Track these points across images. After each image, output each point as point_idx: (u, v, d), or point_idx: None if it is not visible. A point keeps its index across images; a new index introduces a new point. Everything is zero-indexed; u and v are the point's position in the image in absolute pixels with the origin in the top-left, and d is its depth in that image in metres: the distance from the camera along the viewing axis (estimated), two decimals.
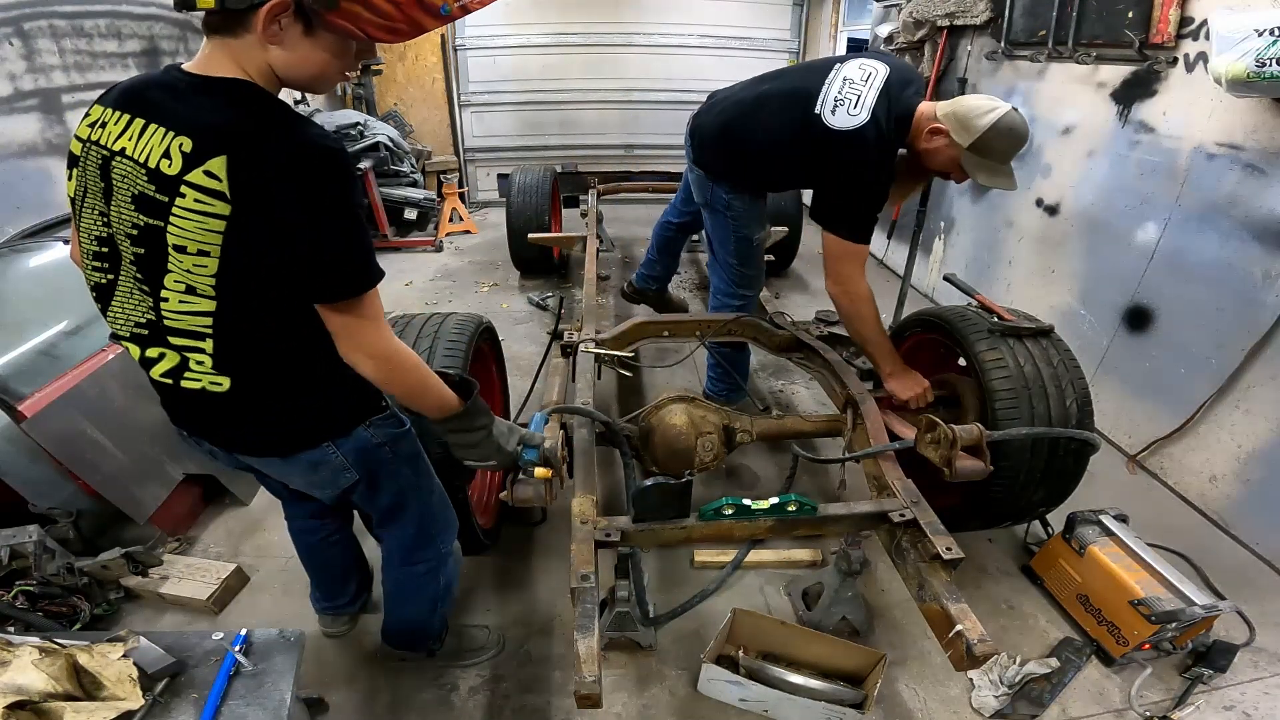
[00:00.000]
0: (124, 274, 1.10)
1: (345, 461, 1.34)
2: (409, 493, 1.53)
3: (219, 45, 1.01)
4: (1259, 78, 2.08)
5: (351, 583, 1.97)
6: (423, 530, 1.61)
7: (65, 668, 1.07)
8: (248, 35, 0.98)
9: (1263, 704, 1.87)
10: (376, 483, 1.44)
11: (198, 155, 0.96)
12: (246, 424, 1.24)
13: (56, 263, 2.60)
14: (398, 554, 1.65)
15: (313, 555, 1.87)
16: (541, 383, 2.51)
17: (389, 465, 1.43)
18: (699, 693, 1.87)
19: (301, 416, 1.25)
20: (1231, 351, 2.50)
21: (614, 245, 5.81)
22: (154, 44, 3.97)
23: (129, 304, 1.12)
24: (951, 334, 2.16)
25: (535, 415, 1.69)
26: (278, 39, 0.99)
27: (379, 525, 1.62)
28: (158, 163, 0.98)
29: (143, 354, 1.17)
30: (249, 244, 1.01)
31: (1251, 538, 2.46)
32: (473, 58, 6.87)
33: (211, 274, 1.03)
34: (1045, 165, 3.59)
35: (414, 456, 1.51)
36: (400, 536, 1.61)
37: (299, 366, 1.19)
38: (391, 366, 1.17)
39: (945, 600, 1.45)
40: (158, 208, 1.00)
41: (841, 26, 6.55)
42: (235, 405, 1.18)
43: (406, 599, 1.74)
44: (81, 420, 2.13)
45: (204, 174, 0.96)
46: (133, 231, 1.04)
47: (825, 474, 2.83)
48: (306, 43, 1.01)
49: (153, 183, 0.99)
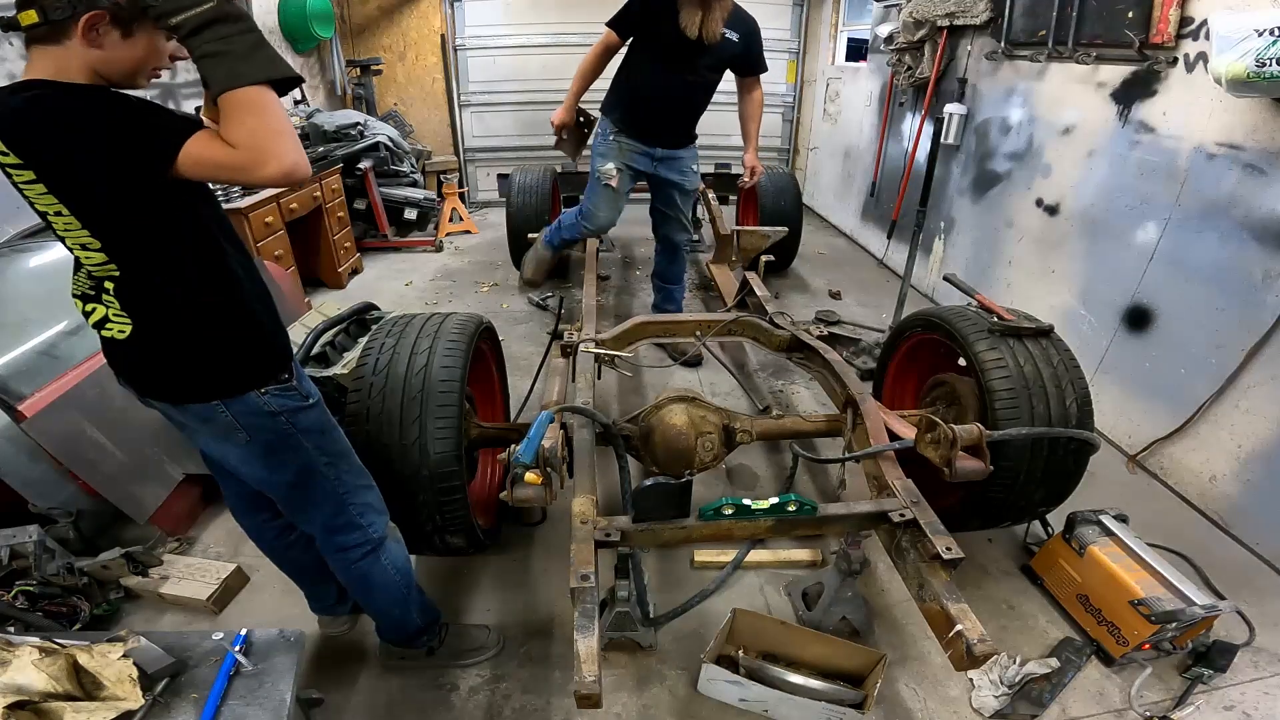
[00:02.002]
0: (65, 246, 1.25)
1: (235, 423, 1.35)
2: (315, 470, 1.49)
3: (40, 54, 1.10)
4: (1259, 78, 2.08)
5: (332, 582, 1.93)
6: (339, 512, 1.57)
7: (65, 668, 1.08)
8: (69, 41, 1.08)
9: (1263, 704, 1.87)
10: (275, 454, 1.42)
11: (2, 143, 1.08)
12: (146, 367, 1.33)
13: (56, 263, 2.60)
14: (322, 540, 1.63)
15: (279, 558, 1.85)
16: (541, 383, 2.52)
17: (288, 438, 1.41)
18: (699, 693, 1.87)
19: (190, 369, 1.31)
20: (1231, 351, 2.50)
21: (614, 245, 5.81)
22: None
23: (77, 269, 1.28)
24: (951, 334, 2.16)
25: (540, 415, 1.70)
26: (98, 43, 1.09)
27: (287, 507, 1.58)
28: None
29: (89, 309, 1.30)
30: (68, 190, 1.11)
31: (1251, 538, 2.46)
32: (472, 58, 6.88)
33: (80, 227, 1.15)
34: (1045, 165, 3.59)
35: (320, 431, 1.47)
36: (317, 519, 1.57)
37: (187, 315, 1.27)
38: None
39: (945, 600, 1.45)
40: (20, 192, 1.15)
41: (841, 26, 6.55)
42: (136, 350, 1.29)
43: (362, 590, 1.73)
44: (81, 420, 2.13)
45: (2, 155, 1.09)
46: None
47: (825, 474, 2.83)
48: (125, 44, 1.12)
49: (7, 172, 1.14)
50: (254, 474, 1.47)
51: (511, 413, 2.77)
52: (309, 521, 1.60)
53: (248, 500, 1.72)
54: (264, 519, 1.76)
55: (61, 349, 2.23)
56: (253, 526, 1.79)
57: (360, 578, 1.69)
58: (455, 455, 1.78)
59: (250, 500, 1.72)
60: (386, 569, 1.69)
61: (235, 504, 1.76)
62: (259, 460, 1.42)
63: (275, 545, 1.82)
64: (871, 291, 4.91)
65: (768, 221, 4.63)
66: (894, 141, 5.36)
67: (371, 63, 6.40)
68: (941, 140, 3.96)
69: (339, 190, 4.90)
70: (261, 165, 1.07)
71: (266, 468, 1.45)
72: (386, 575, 1.70)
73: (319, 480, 1.51)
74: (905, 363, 2.63)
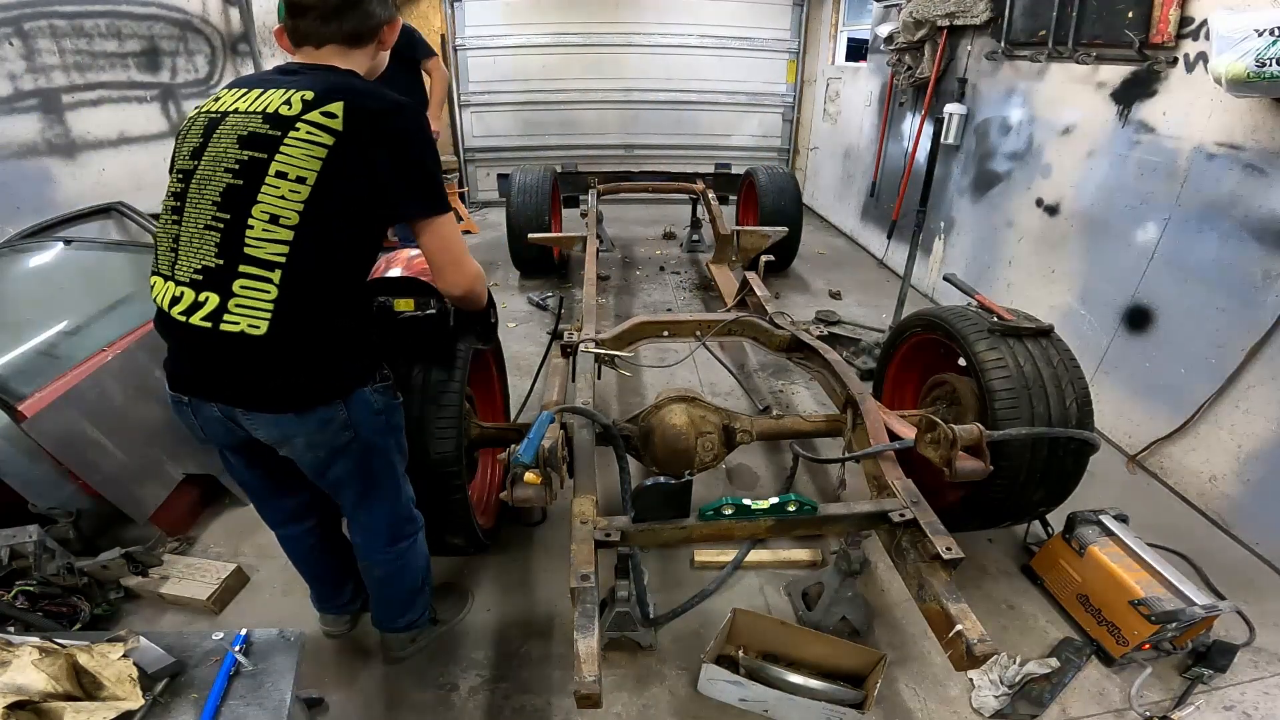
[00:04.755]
0: (193, 220, 1.26)
1: (348, 420, 1.39)
2: (392, 466, 1.58)
3: (333, 52, 1.35)
4: (1259, 78, 2.08)
5: (348, 583, 1.97)
6: (403, 503, 1.66)
7: (65, 668, 1.08)
8: (367, 47, 1.39)
9: (1263, 704, 1.87)
10: (368, 450, 1.47)
11: (319, 100, 1.24)
12: (274, 372, 1.29)
13: (56, 263, 2.60)
14: (386, 532, 1.66)
15: (305, 561, 1.87)
16: (541, 383, 2.51)
17: (381, 434, 1.48)
18: (699, 693, 1.87)
19: (325, 368, 1.33)
20: (1231, 351, 2.50)
21: (614, 245, 5.81)
22: (154, 44, 3.97)
23: (192, 248, 1.26)
24: (951, 334, 2.16)
25: (541, 415, 1.70)
26: (384, 47, 1.43)
27: (361, 502, 1.59)
28: (276, 109, 1.24)
29: (195, 299, 1.25)
30: (343, 171, 1.23)
31: (1251, 538, 2.46)
32: (473, 58, 6.88)
33: (302, 200, 1.22)
34: (1045, 165, 3.59)
35: (399, 430, 1.57)
36: (385, 512, 1.64)
37: (339, 313, 1.33)
38: (481, 283, 1.47)
39: (945, 600, 1.45)
40: (267, 142, 1.23)
41: (841, 26, 6.56)
42: (267, 350, 1.25)
43: (396, 578, 1.76)
44: (81, 420, 2.13)
45: (321, 114, 1.23)
46: (234, 166, 1.24)
47: (825, 474, 2.83)
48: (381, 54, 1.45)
49: (267, 122, 1.24)
50: (340, 474, 1.49)
51: (511, 413, 2.77)
52: (378, 516, 1.64)
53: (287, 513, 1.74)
54: (307, 527, 1.78)
55: (61, 349, 2.23)
56: (294, 539, 1.80)
57: (402, 568, 1.75)
58: (455, 455, 1.78)
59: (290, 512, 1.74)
60: (421, 555, 1.78)
61: (274, 516, 1.76)
62: (353, 458, 1.47)
63: (303, 550, 1.83)
64: (871, 291, 4.91)
65: (768, 221, 4.63)
66: (894, 141, 5.36)
67: None
68: (941, 140, 3.96)
69: None
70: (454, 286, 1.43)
71: (357, 466, 1.49)
72: (420, 561, 1.78)
73: (395, 475, 1.59)
74: (905, 363, 2.63)
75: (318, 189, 1.22)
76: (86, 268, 2.67)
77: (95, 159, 3.61)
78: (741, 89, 7.18)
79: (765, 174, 5.01)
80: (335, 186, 1.23)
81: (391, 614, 1.85)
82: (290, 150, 1.21)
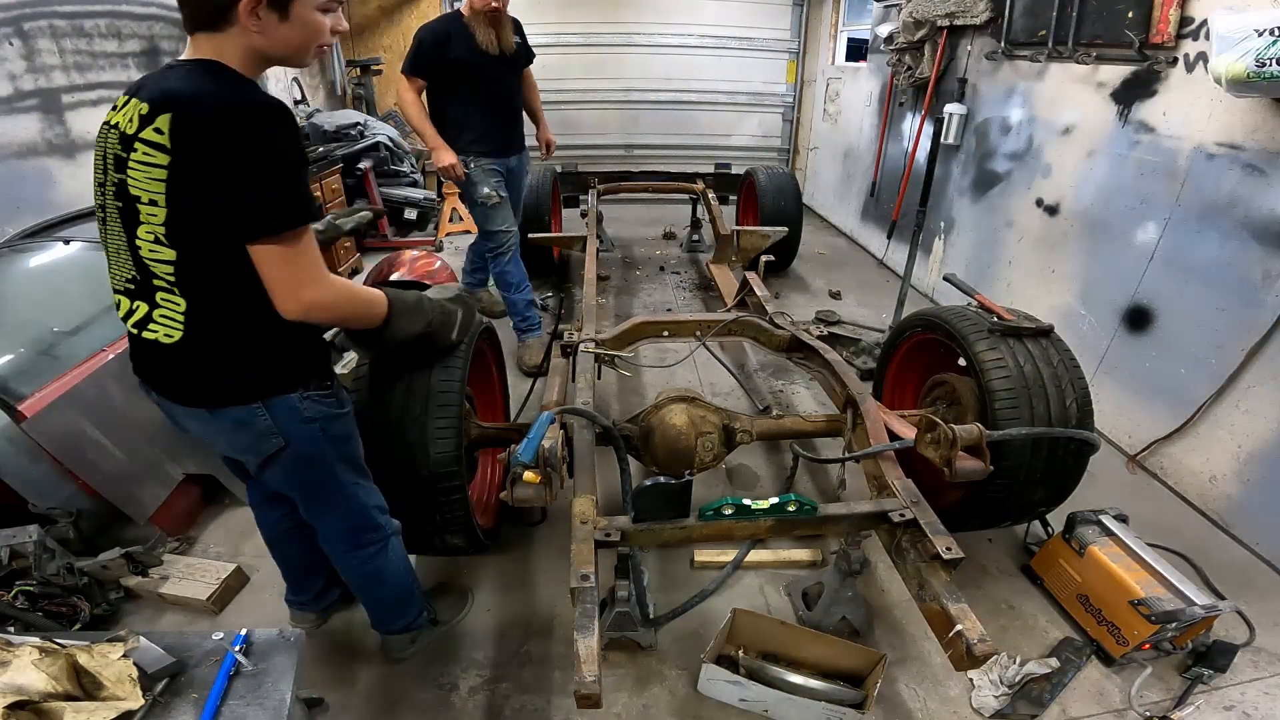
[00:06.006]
0: (112, 234, 1.27)
1: (273, 427, 1.37)
2: (336, 476, 1.53)
3: (202, 39, 1.18)
4: (1259, 78, 2.08)
5: (317, 581, 1.97)
6: (359, 514, 1.63)
7: (65, 668, 1.07)
8: (230, 28, 1.16)
9: (1263, 704, 1.87)
10: (303, 462, 1.46)
11: (151, 115, 1.13)
12: (188, 374, 1.32)
13: (56, 263, 2.60)
14: (341, 541, 1.66)
15: (276, 544, 1.89)
16: (541, 383, 2.51)
17: (315, 444, 1.45)
18: (699, 693, 1.87)
19: (239, 370, 1.31)
20: (1231, 351, 2.50)
21: (614, 245, 5.81)
22: (154, 44, 3.97)
23: (118, 261, 1.28)
24: (951, 334, 2.16)
25: (540, 415, 1.70)
26: (258, 27, 1.16)
27: (307, 510, 1.61)
28: (125, 125, 1.16)
29: (130, 306, 1.30)
30: (187, 191, 1.14)
31: (1251, 538, 2.46)
32: None
33: (162, 222, 1.17)
34: (1045, 165, 3.59)
35: (346, 440, 1.53)
36: (337, 522, 1.63)
37: (250, 321, 1.28)
38: (328, 309, 1.29)
39: (945, 600, 1.45)
40: (121, 164, 1.17)
41: (841, 26, 6.56)
42: (181, 356, 1.28)
43: (373, 585, 1.77)
44: (81, 420, 2.13)
45: (153, 130, 1.12)
46: (113, 189, 1.22)
47: (825, 474, 2.83)
48: (284, 27, 1.19)
49: (120, 144, 1.17)
50: (278, 479, 1.50)
51: (511, 413, 2.77)
52: (329, 524, 1.64)
53: (262, 494, 1.77)
54: (281, 513, 1.79)
55: (61, 349, 2.23)
56: (268, 521, 1.83)
57: (373, 574, 1.73)
58: (455, 455, 1.78)
59: (270, 496, 1.75)
60: (395, 561, 1.75)
61: (251, 495, 1.82)
62: (287, 466, 1.45)
63: (276, 533, 1.86)
64: (871, 291, 4.90)
65: (768, 221, 4.63)
66: (894, 141, 5.36)
67: (371, 63, 6.40)
68: (941, 140, 3.96)
69: (339, 190, 4.90)
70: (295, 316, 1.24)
71: (293, 474, 1.48)
72: (396, 566, 1.75)
73: (339, 485, 1.55)
74: (905, 363, 2.63)
75: (171, 211, 1.15)
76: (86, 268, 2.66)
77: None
78: (741, 89, 7.18)
79: (765, 174, 5.01)
80: (185, 206, 1.15)
81: (383, 617, 1.86)
82: (135, 175, 1.15)
